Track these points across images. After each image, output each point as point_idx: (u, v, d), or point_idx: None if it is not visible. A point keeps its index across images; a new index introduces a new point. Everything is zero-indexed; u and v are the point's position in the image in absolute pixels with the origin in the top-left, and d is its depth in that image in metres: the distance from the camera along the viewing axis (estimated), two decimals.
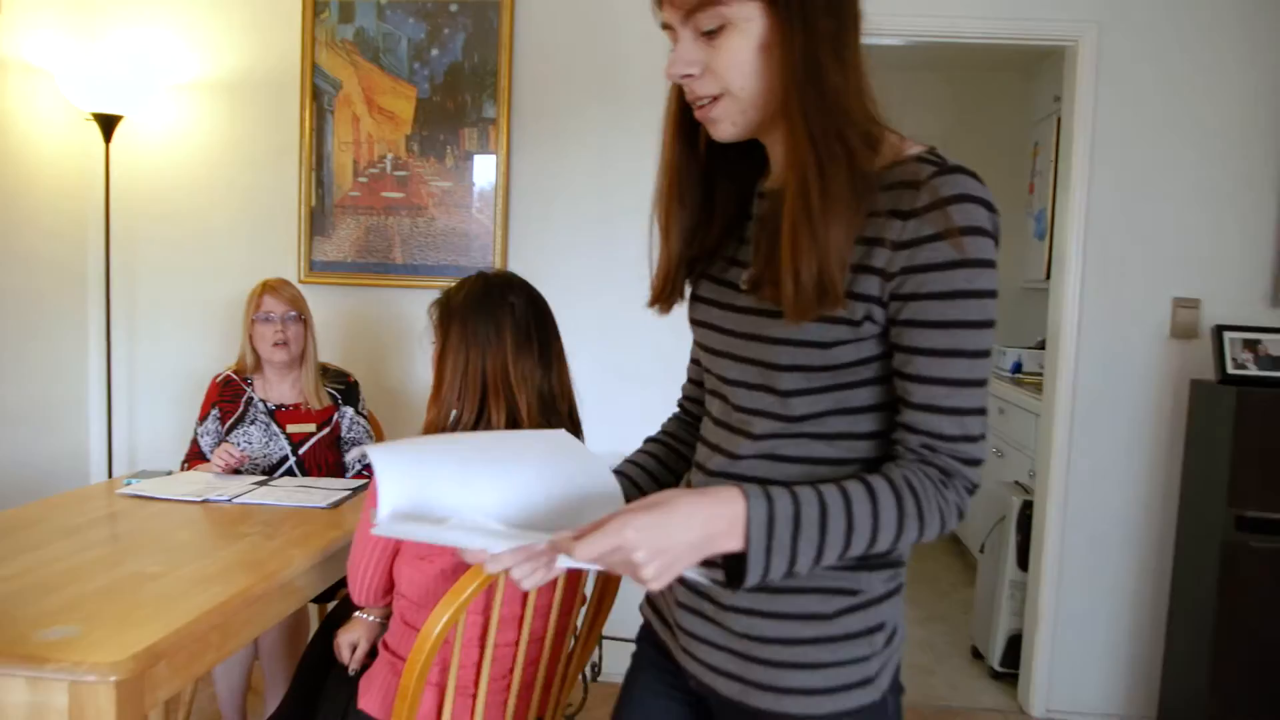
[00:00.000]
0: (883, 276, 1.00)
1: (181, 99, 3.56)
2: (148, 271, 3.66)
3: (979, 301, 1.00)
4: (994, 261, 1.01)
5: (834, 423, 1.07)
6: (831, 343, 1.03)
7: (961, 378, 1.00)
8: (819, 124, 1.01)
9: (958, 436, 1.01)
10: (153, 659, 1.45)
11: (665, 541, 0.93)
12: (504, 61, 3.31)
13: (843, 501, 0.99)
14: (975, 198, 1.00)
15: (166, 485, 2.49)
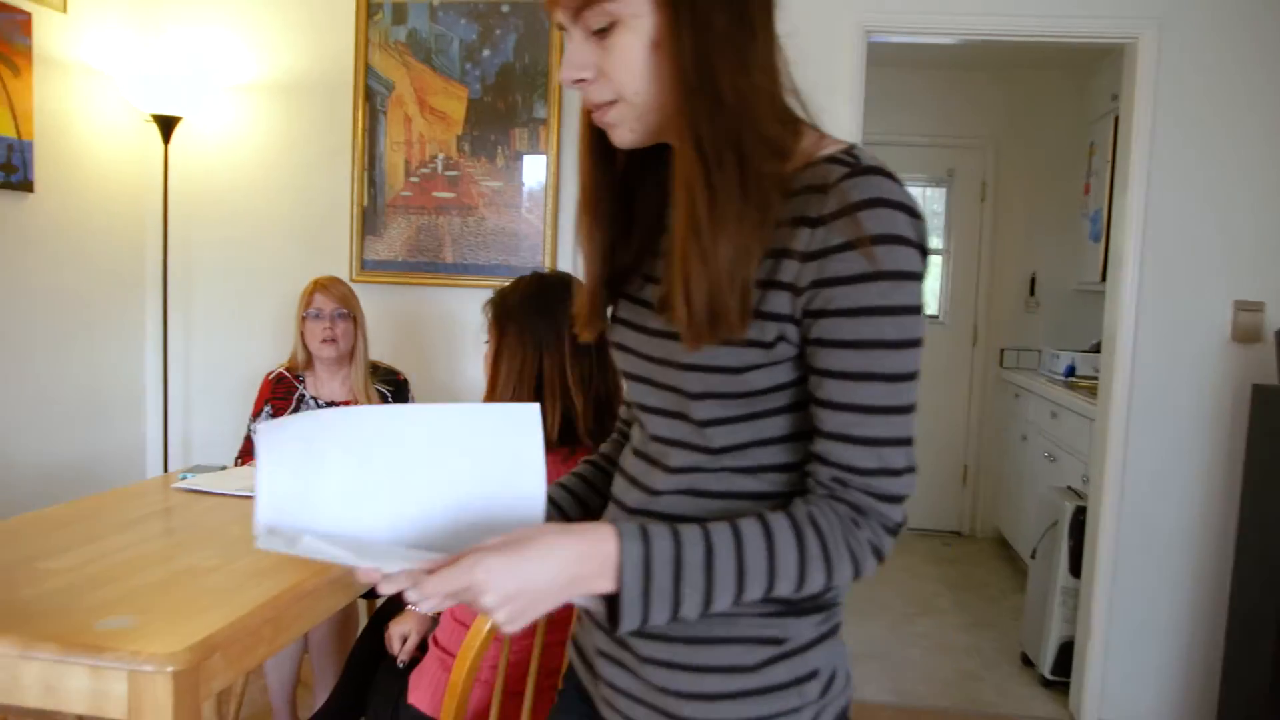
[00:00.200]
0: (792, 292, 0.91)
1: (238, 100, 3.61)
2: (203, 270, 3.72)
3: (896, 319, 0.89)
4: (916, 273, 0.90)
5: (756, 454, 0.97)
6: (743, 368, 0.93)
7: (878, 404, 0.90)
8: (709, 131, 0.91)
9: (873, 470, 0.91)
10: (208, 650, 1.47)
11: (519, 585, 0.85)
12: (555, 62, 3.32)
13: (733, 542, 0.90)
14: (891, 201, 0.89)
15: (220, 480, 2.52)
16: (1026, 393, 4.96)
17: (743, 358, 0.92)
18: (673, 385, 0.98)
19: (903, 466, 0.92)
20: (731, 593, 0.90)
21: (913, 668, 3.72)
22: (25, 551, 1.85)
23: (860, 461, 0.91)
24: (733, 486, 0.98)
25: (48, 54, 3.17)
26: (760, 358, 0.92)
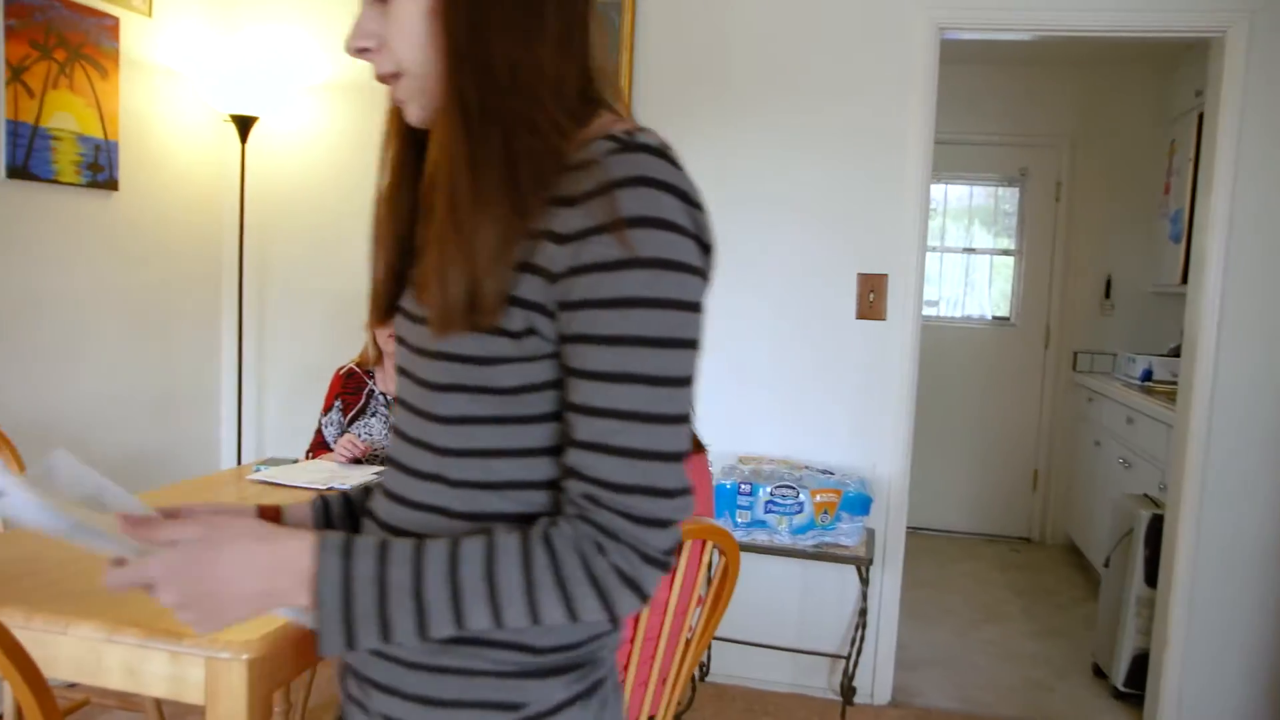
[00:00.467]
0: (546, 278, 0.80)
1: (313, 100, 3.68)
2: (277, 267, 3.79)
3: (660, 313, 0.78)
4: (686, 265, 0.80)
5: (502, 468, 0.85)
6: (489, 359, 0.83)
7: (639, 410, 0.79)
8: (475, 103, 0.83)
9: (630, 486, 0.78)
10: (282, 640, 1.50)
11: (201, 588, 0.78)
12: (624, 62, 3.33)
13: (447, 563, 0.79)
14: (654, 180, 0.79)
15: (293, 473, 2.57)
16: (1100, 397, 4.85)
17: (488, 347, 0.82)
18: (421, 377, 0.88)
19: (670, 487, 0.80)
20: (449, 618, 0.80)
21: (978, 675, 3.66)
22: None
23: (615, 476, 0.79)
24: (477, 506, 0.86)
25: (133, 57, 3.26)
26: (508, 349, 0.82)
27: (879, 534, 3.31)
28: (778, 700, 3.35)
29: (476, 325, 0.82)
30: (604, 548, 0.79)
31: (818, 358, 3.33)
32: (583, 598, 0.80)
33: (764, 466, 3.20)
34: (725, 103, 3.32)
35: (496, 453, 0.85)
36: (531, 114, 0.82)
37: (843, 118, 3.24)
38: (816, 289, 3.31)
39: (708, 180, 3.32)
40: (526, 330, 0.82)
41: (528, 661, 0.86)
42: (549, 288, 0.80)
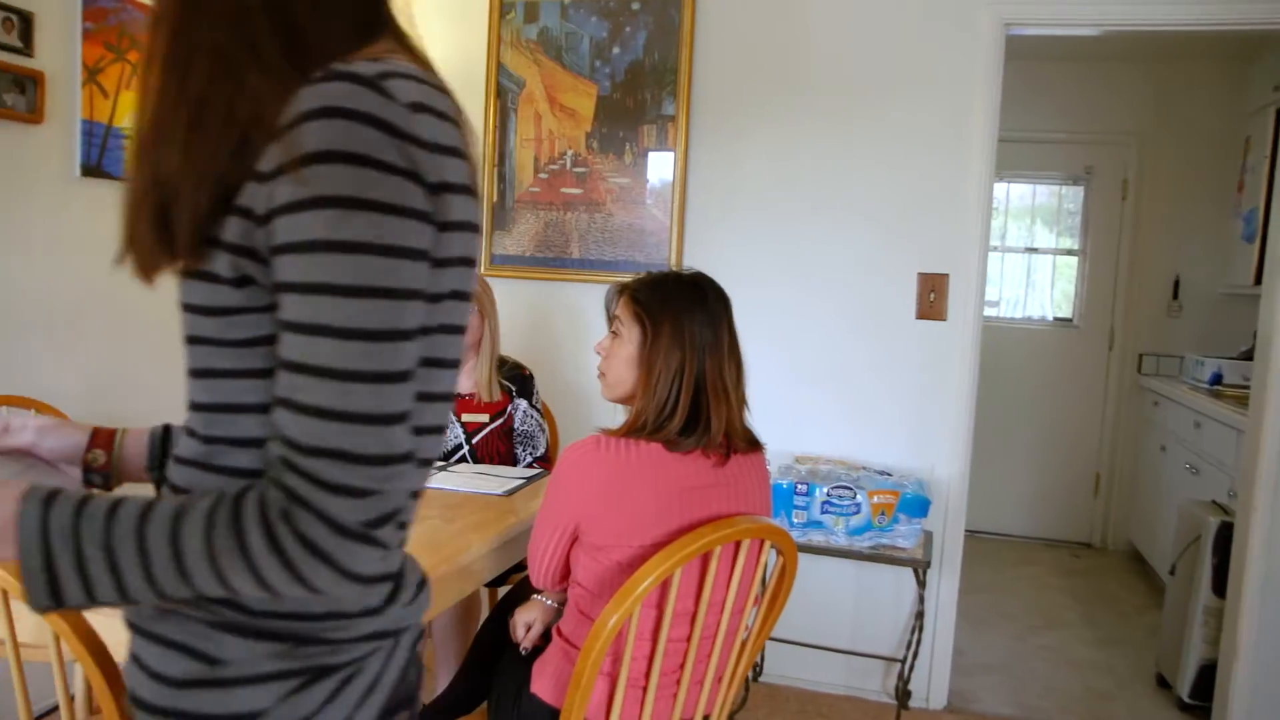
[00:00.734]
0: (253, 220, 0.75)
1: None
2: None
3: (349, 258, 0.71)
4: (384, 203, 0.72)
5: (245, 423, 0.81)
6: (217, 309, 0.79)
7: (326, 365, 0.72)
8: (183, 31, 0.79)
9: (317, 449, 0.72)
10: None
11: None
12: (684, 58, 3.32)
13: (136, 521, 0.75)
14: (345, 110, 0.72)
15: None
16: (1167, 401, 4.74)
17: (214, 296, 0.78)
18: (181, 332, 0.85)
19: (367, 452, 0.72)
20: (140, 580, 0.75)
21: (1037, 682, 3.60)
22: None
23: (304, 437, 0.72)
24: (227, 460, 0.82)
25: None
26: (234, 299, 0.77)
27: (936, 536, 3.27)
28: (831, 702, 3.33)
29: (181, 268, 0.79)
30: (290, 515, 0.72)
31: (876, 357, 3.30)
32: (268, 568, 0.73)
33: (821, 466, 3.17)
34: (785, 100, 3.30)
35: (239, 407, 0.81)
36: (242, 45, 0.78)
37: (905, 115, 3.20)
38: (876, 288, 3.28)
39: (767, 178, 3.31)
40: (243, 278, 0.77)
41: (237, 619, 0.81)
42: (256, 231, 0.75)
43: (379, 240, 0.72)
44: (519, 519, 2.17)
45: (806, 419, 3.37)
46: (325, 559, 0.72)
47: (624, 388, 1.82)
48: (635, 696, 1.65)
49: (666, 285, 1.80)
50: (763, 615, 1.76)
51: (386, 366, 0.73)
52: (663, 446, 1.69)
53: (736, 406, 1.76)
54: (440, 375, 0.84)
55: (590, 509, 1.69)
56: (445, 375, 0.85)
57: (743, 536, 1.60)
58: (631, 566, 1.62)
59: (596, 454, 1.69)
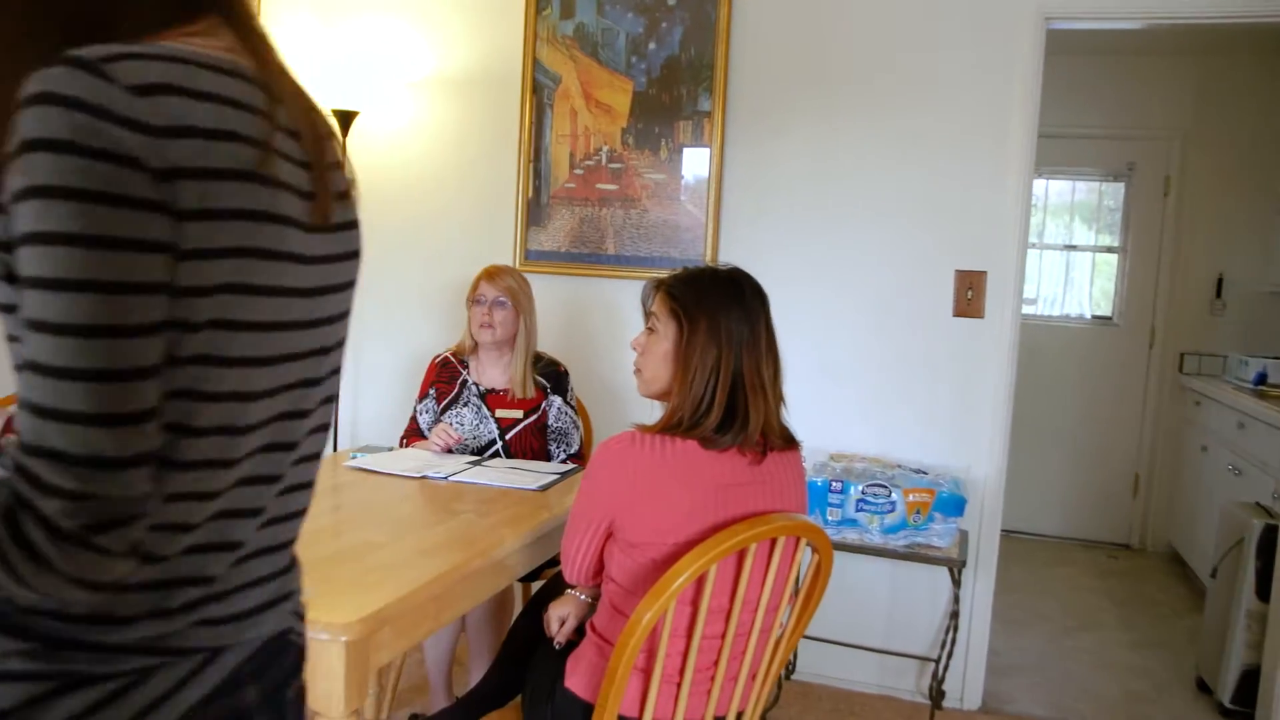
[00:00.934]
0: (5, 213, 0.72)
1: (412, 95, 3.74)
2: (374, 258, 3.85)
3: (59, 250, 0.68)
4: (86, 190, 0.68)
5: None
6: (5, 306, 0.76)
7: (41, 362, 0.69)
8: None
9: (34, 447, 0.69)
10: (379, 623, 1.53)
11: None
12: (720, 54, 3.31)
13: None
14: (52, 96, 0.68)
15: (388, 461, 2.62)
16: (1209, 400, 4.67)
17: (4, 294, 0.75)
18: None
19: (75, 453, 0.68)
20: None
21: (1073, 684, 3.56)
22: None
23: (26, 435, 0.69)
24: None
25: None
26: (13, 296, 0.73)
27: (972, 536, 3.24)
28: (864, 701, 3.31)
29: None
30: (12, 516, 0.69)
31: (913, 355, 3.27)
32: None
33: (856, 464, 3.16)
34: (822, 96, 3.28)
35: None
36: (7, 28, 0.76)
37: (943, 111, 3.17)
38: (912, 285, 3.25)
39: (803, 174, 3.30)
40: (10, 274, 0.73)
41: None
42: (6, 223, 0.72)
43: (86, 231, 0.68)
44: (553, 514, 2.18)
45: (841, 417, 3.35)
46: (44, 563, 0.69)
47: (659, 384, 1.82)
48: (669, 692, 1.65)
49: (703, 281, 1.80)
50: (797, 613, 1.75)
51: (107, 364, 0.69)
52: (698, 444, 1.68)
53: (773, 404, 1.75)
54: (223, 374, 0.78)
55: (624, 505, 1.69)
56: (231, 375, 0.78)
57: (778, 534, 1.60)
58: (666, 564, 1.62)
59: (631, 450, 1.69)
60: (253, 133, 0.77)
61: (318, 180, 0.86)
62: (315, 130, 0.88)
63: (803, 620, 1.76)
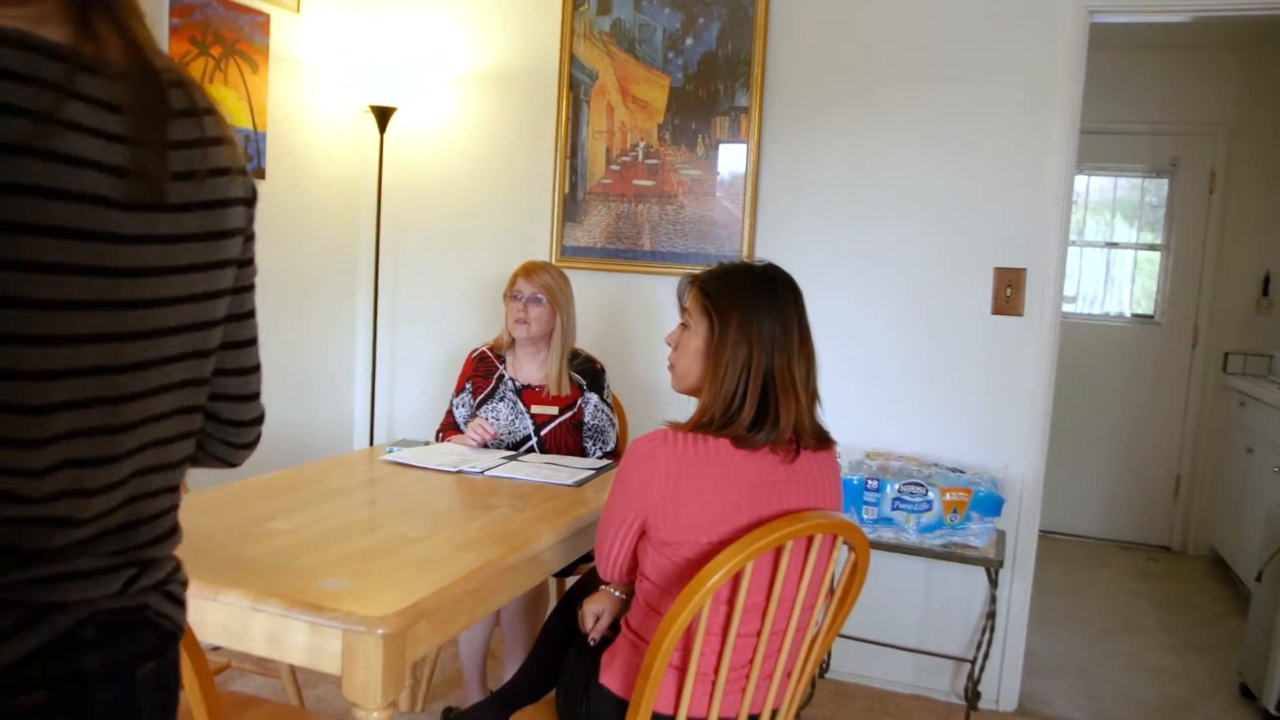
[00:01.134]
0: None
1: (449, 91, 3.76)
2: (411, 254, 3.90)
3: None
4: None
5: None
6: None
7: None
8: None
9: None
10: (416, 616, 1.54)
11: None
12: (758, 49, 3.29)
13: None
14: None
15: (424, 455, 2.64)
16: (1254, 401, 4.59)
17: None
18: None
19: None
20: None
21: (1112, 687, 3.51)
22: (251, 513, 1.99)
23: None
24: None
25: (281, 51, 3.39)
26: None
27: (1009, 536, 3.21)
28: (898, 701, 3.29)
29: None
30: None
31: (950, 353, 3.24)
32: None
33: (892, 463, 3.13)
34: (860, 91, 3.26)
35: None
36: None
37: (983, 106, 3.14)
38: (951, 283, 3.23)
39: (840, 170, 3.27)
40: None
41: None
42: None
43: None
44: (589, 510, 2.18)
45: (877, 415, 3.33)
46: None
47: (691, 379, 1.81)
48: (704, 690, 1.65)
49: (736, 277, 1.78)
50: (833, 611, 1.74)
51: None
52: (730, 443, 1.67)
53: (806, 402, 1.73)
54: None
55: (655, 504, 1.68)
56: (7, 352, 0.78)
57: (815, 531, 1.59)
58: (699, 563, 1.61)
59: (664, 448, 1.69)
60: (29, 105, 0.75)
61: (143, 157, 0.84)
62: (149, 105, 0.86)
63: (838, 619, 1.75)
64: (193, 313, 0.93)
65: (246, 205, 1.04)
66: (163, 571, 0.97)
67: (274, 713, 1.87)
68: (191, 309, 0.93)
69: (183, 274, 0.91)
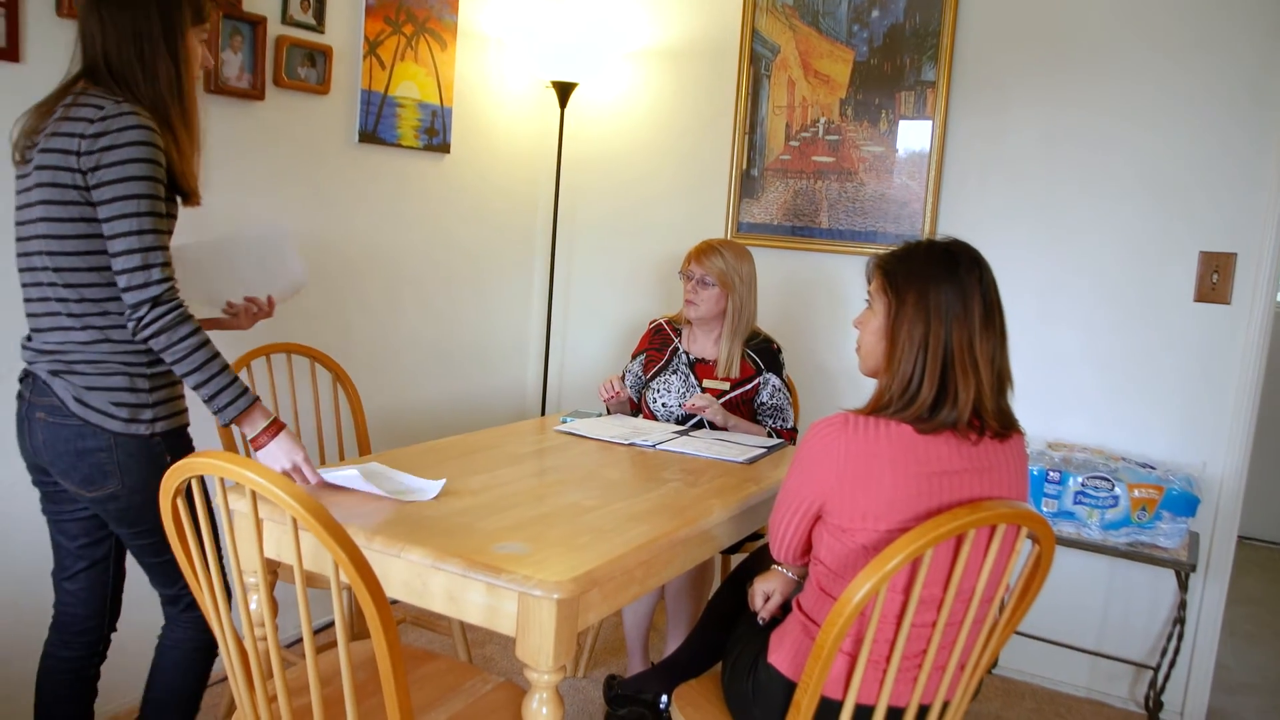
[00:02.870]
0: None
1: (629, 66, 3.79)
2: (587, 228, 3.96)
3: None
4: None
5: None
6: None
7: None
8: None
9: None
10: (590, 584, 1.56)
11: None
12: (947, 21, 3.17)
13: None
14: None
15: (597, 426, 2.68)
16: None
17: None
18: None
19: None
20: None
21: None
22: (431, 475, 2.06)
23: None
24: None
25: (468, 28, 3.48)
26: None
27: (1204, 539, 3.01)
28: (1070, 704, 3.15)
29: None
30: None
31: (1144, 342, 3.06)
32: None
33: (1076, 455, 2.99)
34: (1055, 64, 3.09)
35: None
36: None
37: (1191, 78, 2.93)
38: (1148, 267, 3.04)
39: (1031, 146, 3.13)
40: None
41: None
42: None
43: None
44: (760, 487, 2.17)
45: (1062, 404, 3.18)
46: None
47: (874, 361, 1.77)
48: (875, 676, 1.62)
49: (916, 254, 1.72)
50: (1012, 606, 1.67)
51: None
52: (913, 429, 1.62)
53: (990, 383, 1.65)
54: None
55: (833, 488, 1.65)
56: None
57: (999, 521, 1.52)
58: (875, 549, 1.58)
59: (844, 433, 1.65)
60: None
61: None
62: None
63: (1017, 614, 1.68)
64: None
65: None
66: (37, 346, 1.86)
67: (449, 667, 1.95)
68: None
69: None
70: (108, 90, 1.77)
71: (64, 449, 1.80)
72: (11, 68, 2.19)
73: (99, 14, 1.79)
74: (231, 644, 1.51)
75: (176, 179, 1.82)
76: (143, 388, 1.82)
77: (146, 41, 1.79)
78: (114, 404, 1.79)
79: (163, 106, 1.81)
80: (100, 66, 1.79)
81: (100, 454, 1.79)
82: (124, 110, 1.72)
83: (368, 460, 2.14)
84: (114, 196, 1.70)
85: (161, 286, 1.73)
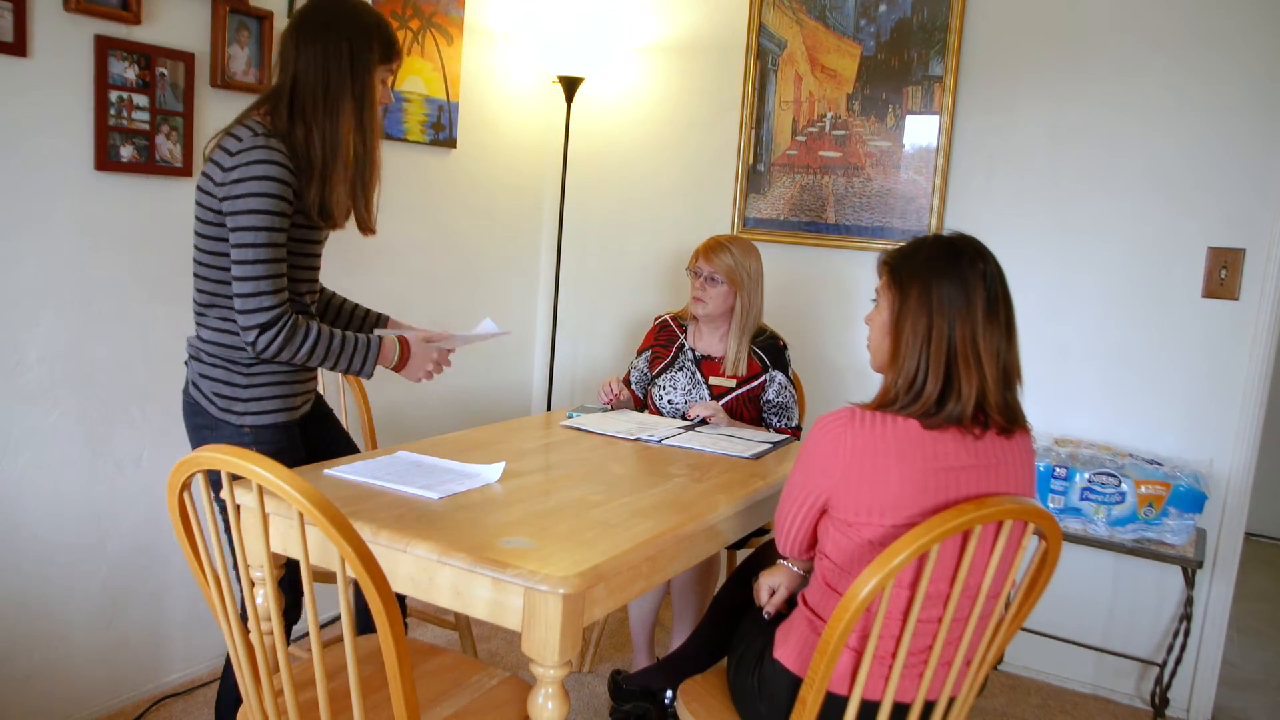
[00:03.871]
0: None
1: (636, 60, 3.78)
2: (594, 223, 3.95)
3: None
4: None
5: None
6: None
7: None
8: None
9: None
10: (595, 579, 1.56)
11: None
12: (955, 16, 3.16)
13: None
14: None
15: (603, 422, 2.68)
16: None
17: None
18: None
19: None
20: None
21: None
22: None
23: None
24: None
25: (475, 23, 3.48)
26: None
27: (1211, 535, 3.01)
28: (1076, 700, 3.15)
29: None
30: None
31: (1152, 338, 3.05)
32: None
33: (1082, 450, 2.98)
34: (1063, 59, 3.08)
35: None
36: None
37: (1199, 73, 2.92)
38: (1156, 263, 3.03)
39: (1039, 141, 3.12)
40: None
41: None
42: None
43: None
44: (766, 483, 2.16)
45: (1069, 399, 3.17)
46: None
47: (881, 356, 1.77)
48: (880, 672, 1.62)
49: (921, 249, 1.72)
50: (1018, 602, 1.67)
51: None
52: (919, 424, 1.62)
53: (994, 377, 1.64)
54: None
55: (839, 482, 1.65)
56: None
57: (1005, 517, 1.52)
58: (881, 544, 1.57)
59: (850, 427, 1.65)
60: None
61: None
62: None
63: (1023, 610, 1.68)
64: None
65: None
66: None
67: (454, 662, 1.95)
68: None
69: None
70: (274, 117, 1.97)
71: (189, 422, 2.13)
72: (19, 62, 2.19)
73: (295, 39, 1.97)
74: (238, 638, 1.51)
75: (325, 206, 2.04)
76: (239, 383, 2.05)
77: (335, 73, 1.96)
78: (214, 394, 2.06)
79: (333, 135, 1.99)
80: (285, 90, 1.97)
81: (205, 430, 2.08)
82: (257, 144, 1.90)
83: (375, 455, 2.15)
84: (236, 226, 1.91)
85: (269, 314, 1.94)
